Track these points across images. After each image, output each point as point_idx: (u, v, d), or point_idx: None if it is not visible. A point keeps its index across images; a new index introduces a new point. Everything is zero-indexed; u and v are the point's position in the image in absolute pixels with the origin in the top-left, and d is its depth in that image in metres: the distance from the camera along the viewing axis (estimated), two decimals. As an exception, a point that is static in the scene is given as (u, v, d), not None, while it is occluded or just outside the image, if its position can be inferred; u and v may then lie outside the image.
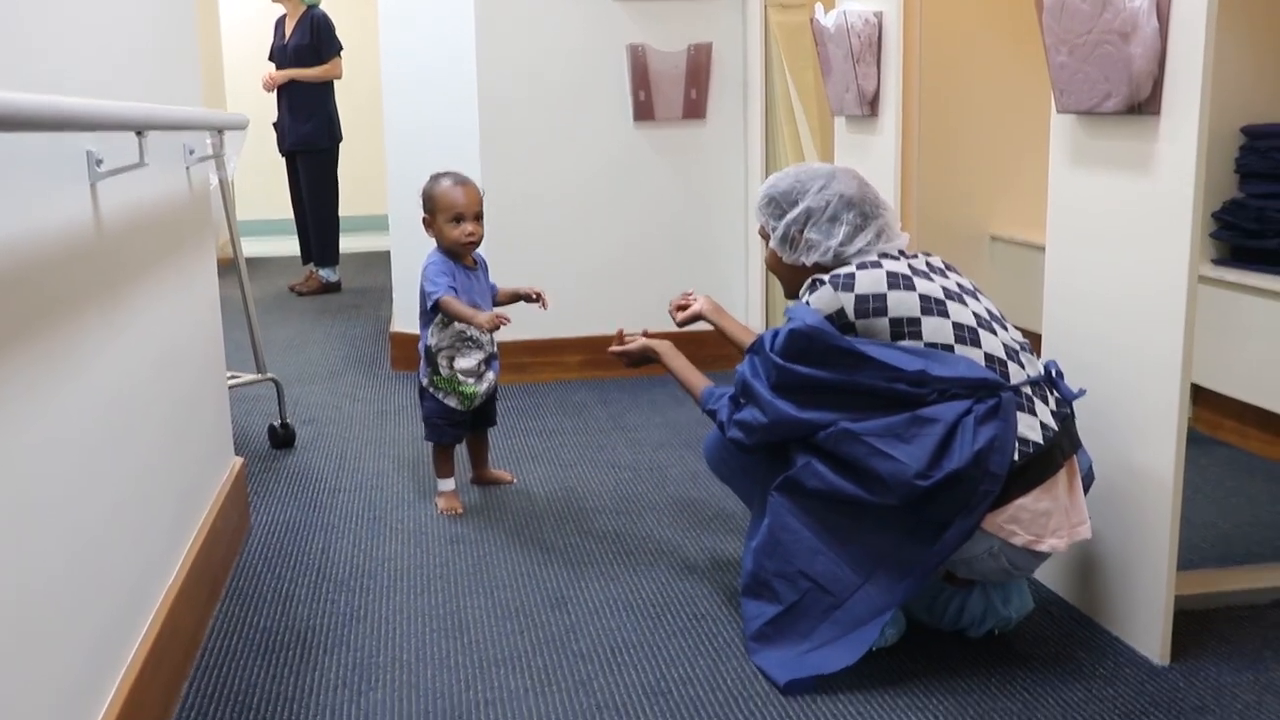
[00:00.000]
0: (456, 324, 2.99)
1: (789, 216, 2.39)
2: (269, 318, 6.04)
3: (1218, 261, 3.37)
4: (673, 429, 3.82)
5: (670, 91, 4.53)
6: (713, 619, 2.42)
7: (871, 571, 2.16)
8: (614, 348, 2.79)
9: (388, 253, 4.94)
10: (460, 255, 3.05)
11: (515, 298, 3.19)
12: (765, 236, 2.47)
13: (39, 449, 1.52)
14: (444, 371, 3.03)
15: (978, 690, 2.12)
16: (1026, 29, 2.55)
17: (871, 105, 3.33)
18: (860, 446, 2.09)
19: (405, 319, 4.80)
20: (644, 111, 4.51)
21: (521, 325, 4.48)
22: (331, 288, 6.88)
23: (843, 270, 2.27)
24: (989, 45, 4.20)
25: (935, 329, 2.18)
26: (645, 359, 2.74)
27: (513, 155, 4.45)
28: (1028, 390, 2.14)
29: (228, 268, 3.69)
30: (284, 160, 6.82)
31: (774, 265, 2.50)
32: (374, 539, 2.91)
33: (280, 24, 6.68)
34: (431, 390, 3.06)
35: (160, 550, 2.14)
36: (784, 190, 2.41)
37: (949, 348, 2.16)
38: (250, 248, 8.32)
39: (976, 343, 2.17)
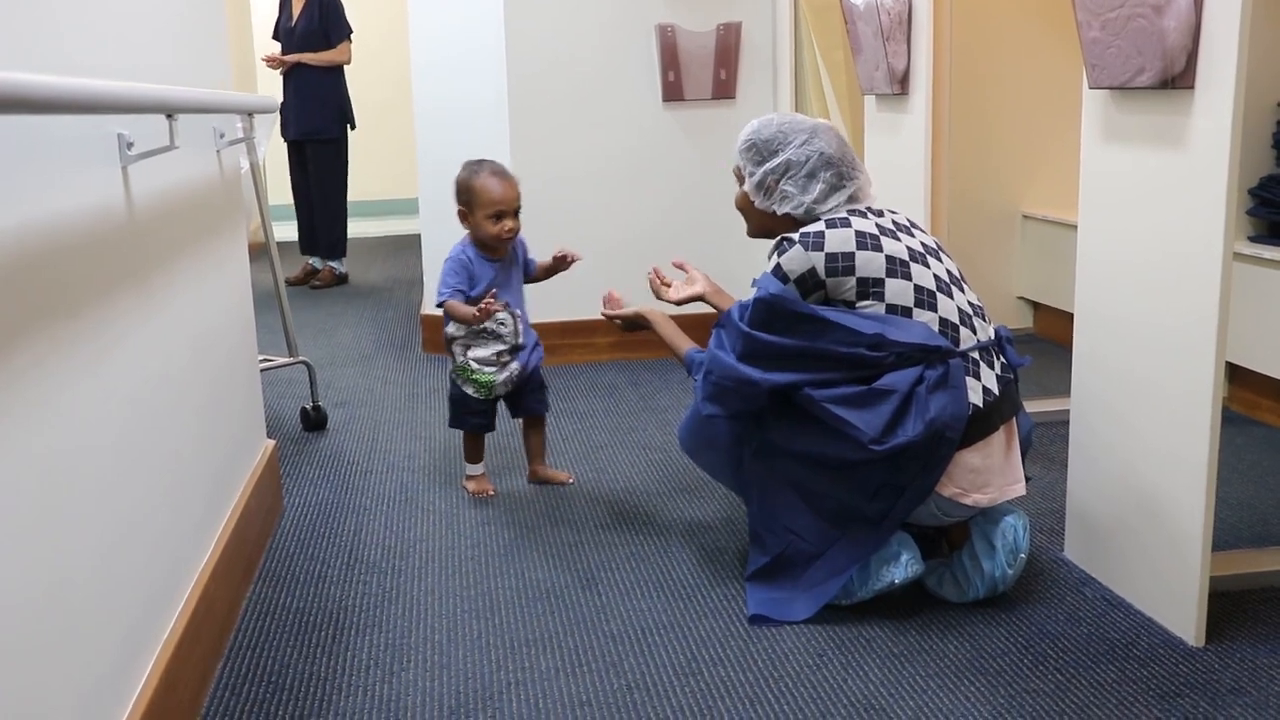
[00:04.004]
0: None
1: (767, 165, 2.45)
2: (300, 301, 6.07)
3: (1254, 238, 3.32)
4: (703, 410, 3.81)
5: (699, 71, 4.51)
6: (744, 599, 2.42)
7: (845, 526, 2.30)
8: (606, 310, 2.86)
9: (418, 236, 4.95)
10: (494, 249, 3.01)
11: (554, 269, 3.15)
12: (740, 179, 2.54)
13: (74, 432, 1.53)
14: (459, 359, 3.03)
15: (1010, 670, 2.11)
16: (1058, 4, 2.52)
17: (902, 83, 3.30)
18: (821, 411, 2.22)
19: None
20: (673, 92, 4.50)
21: (553, 307, 4.51)
22: (342, 279, 6.71)
23: (812, 229, 2.34)
24: (1020, 21, 4.16)
25: (897, 291, 2.28)
26: (638, 325, 2.81)
27: (542, 136, 4.45)
28: (975, 355, 2.28)
29: (259, 252, 3.71)
30: (287, 147, 6.60)
31: (743, 205, 2.56)
32: (405, 521, 2.92)
33: (287, 3, 6.43)
34: (453, 377, 3.08)
35: (194, 532, 2.16)
36: (766, 138, 2.47)
37: (908, 311, 2.27)
38: (277, 232, 8.38)
39: (933, 307, 2.29)
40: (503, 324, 3.00)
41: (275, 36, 6.50)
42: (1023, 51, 4.15)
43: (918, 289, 2.29)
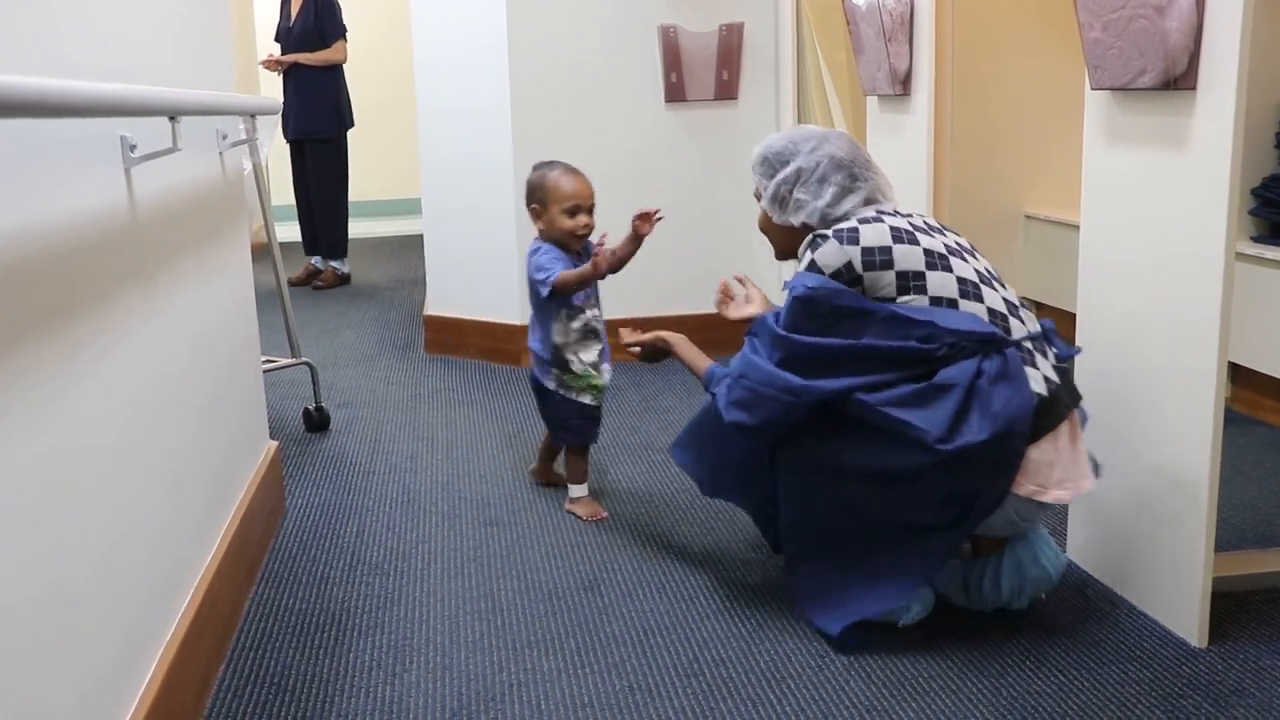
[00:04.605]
0: (579, 318, 2.89)
1: (780, 176, 2.40)
2: (303, 302, 6.07)
3: (1257, 238, 3.32)
4: (705, 411, 3.81)
5: (702, 72, 4.51)
6: (746, 601, 2.42)
7: (907, 543, 2.19)
8: (627, 340, 2.72)
9: (421, 236, 4.95)
10: (568, 245, 2.91)
11: (635, 242, 2.95)
12: (759, 198, 2.48)
13: (75, 433, 1.53)
14: (577, 368, 2.90)
15: (1012, 671, 2.10)
16: (1059, 5, 2.52)
17: (904, 84, 3.30)
18: (877, 416, 2.10)
19: (439, 302, 4.82)
20: (675, 92, 4.50)
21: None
22: (344, 280, 6.71)
23: (845, 224, 2.27)
24: (1022, 22, 4.15)
25: (940, 283, 2.19)
26: (659, 351, 2.67)
27: (545, 137, 4.44)
28: (1029, 345, 2.18)
29: (262, 252, 3.71)
30: (289, 147, 6.61)
31: (765, 226, 2.50)
32: (408, 522, 2.92)
33: (286, 4, 6.46)
34: (563, 392, 2.93)
35: (196, 532, 2.16)
36: (777, 150, 2.43)
37: (953, 302, 2.18)
38: (279, 232, 8.39)
39: (979, 297, 2.20)
40: (599, 321, 2.93)
41: (277, 38, 6.52)
42: (1025, 52, 4.14)
43: (960, 280, 2.20)
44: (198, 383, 2.25)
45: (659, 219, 2.92)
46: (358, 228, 7.84)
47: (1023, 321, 2.22)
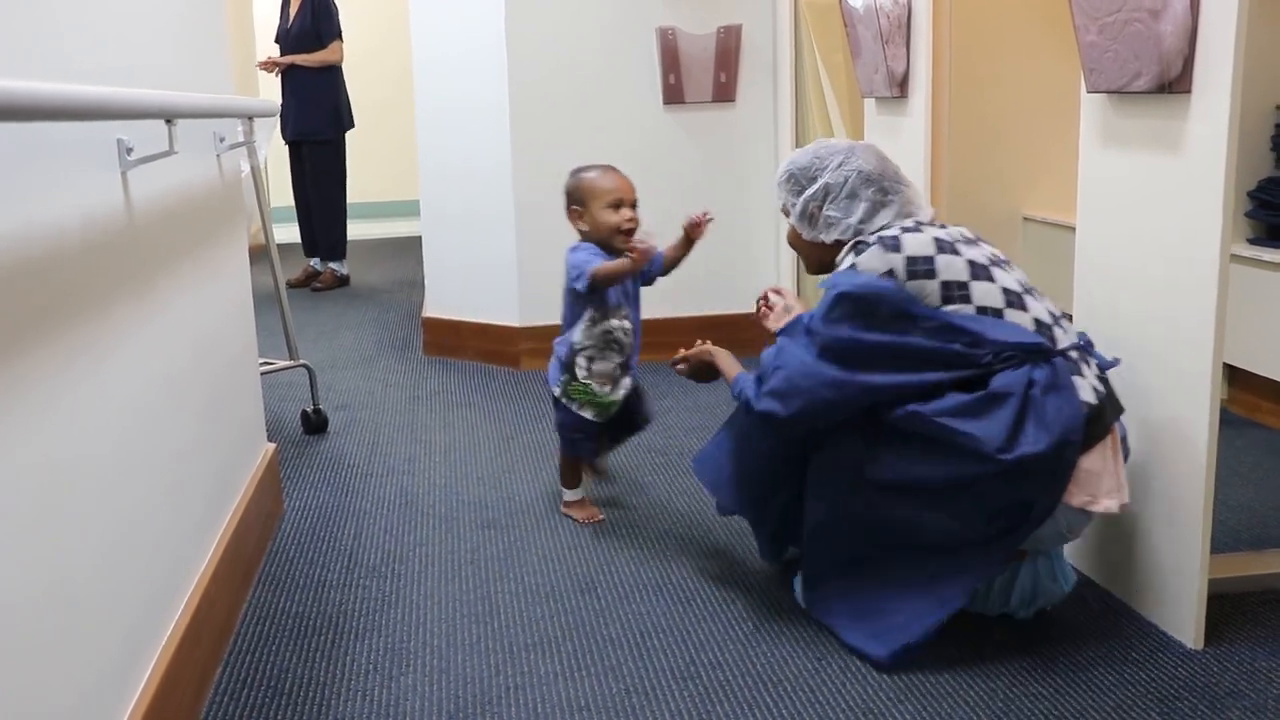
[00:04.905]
0: (604, 324, 2.80)
1: (807, 193, 2.36)
2: (302, 304, 6.08)
3: (1254, 240, 3.32)
4: (704, 412, 3.81)
5: (700, 74, 4.51)
6: (743, 603, 2.42)
7: (954, 553, 2.16)
8: (676, 360, 2.66)
9: (419, 238, 4.95)
10: (612, 245, 2.78)
11: (687, 245, 2.91)
12: (787, 214, 2.44)
13: (73, 436, 1.53)
14: (580, 375, 2.82)
15: (1008, 674, 2.11)
16: (1057, 7, 2.52)
17: (901, 86, 3.31)
18: (932, 427, 2.06)
19: (437, 304, 4.82)
20: (674, 94, 4.50)
21: (551, 310, 4.50)
22: (343, 281, 6.71)
23: (886, 232, 2.24)
24: (1019, 24, 4.16)
25: (985, 293, 2.16)
26: (707, 367, 2.59)
27: (544, 139, 4.45)
28: (1074, 354, 2.15)
29: (261, 254, 3.71)
30: (288, 148, 6.63)
31: (795, 241, 2.46)
32: (405, 524, 2.93)
33: (285, 6, 6.49)
34: (565, 401, 2.87)
35: (194, 536, 2.16)
36: (803, 166, 2.38)
37: (999, 312, 2.14)
38: (279, 234, 8.39)
39: (1024, 307, 2.17)
40: (625, 333, 2.83)
41: (276, 40, 6.54)
42: (1022, 54, 4.14)
43: (1005, 290, 2.17)
44: (196, 385, 2.25)
45: (709, 220, 2.88)
46: (356, 229, 7.84)
47: (1065, 331, 2.19)
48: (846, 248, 2.31)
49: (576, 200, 2.84)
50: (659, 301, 4.51)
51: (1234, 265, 3.21)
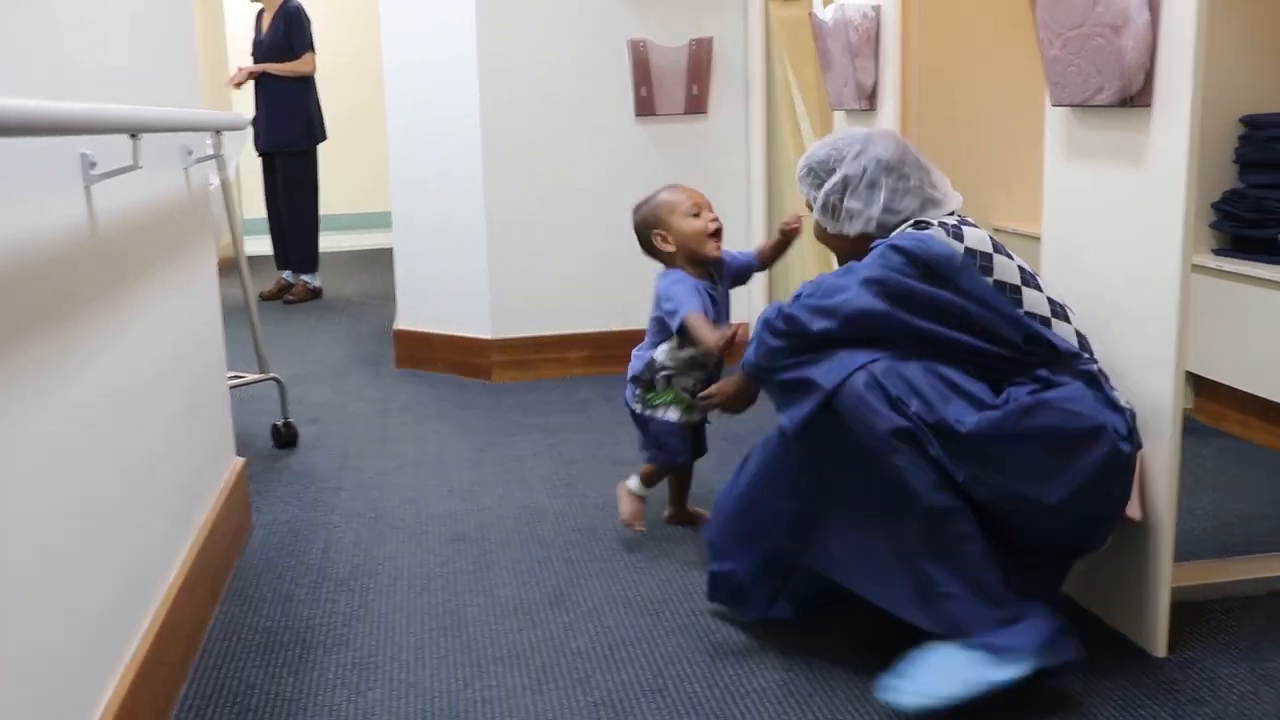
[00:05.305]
0: (690, 349, 2.68)
1: (827, 185, 2.30)
2: (274, 316, 6.06)
3: (1219, 251, 3.36)
4: (675, 425, 3.82)
5: (672, 87, 4.53)
6: (712, 616, 2.42)
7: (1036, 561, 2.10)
8: (705, 395, 2.52)
9: (389, 250, 4.95)
10: (703, 253, 2.71)
11: (780, 246, 2.84)
12: (810, 207, 2.38)
13: (36, 450, 1.53)
14: (660, 386, 2.72)
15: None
16: (1024, 21, 2.54)
17: (870, 99, 3.33)
18: (1054, 412, 1.96)
19: (409, 317, 4.82)
20: (646, 107, 4.51)
21: (523, 322, 4.52)
22: (315, 293, 6.69)
23: (947, 219, 2.19)
24: (987, 38, 4.19)
25: (1034, 300, 2.12)
26: (741, 394, 2.44)
27: (515, 150, 4.45)
28: (1103, 369, 2.14)
29: (231, 268, 3.70)
30: (260, 160, 6.61)
31: (821, 236, 2.39)
32: (375, 538, 2.92)
33: (259, 18, 6.50)
34: (648, 411, 2.75)
35: (160, 551, 2.15)
36: (821, 159, 2.32)
37: (1046, 321, 2.11)
38: (252, 246, 8.36)
39: (1066, 318, 2.14)
40: (710, 355, 2.69)
41: (252, 52, 6.55)
42: (990, 68, 4.17)
43: (1050, 301, 2.13)
44: (163, 400, 2.24)
45: (801, 221, 2.75)
46: (329, 241, 7.83)
47: (1091, 351, 2.17)
48: (906, 225, 2.22)
49: (654, 224, 2.74)
50: (627, 314, 4.53)
51: (1199, 276, 3.25)
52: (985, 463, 1.97)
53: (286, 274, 6.72)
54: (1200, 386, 3.57)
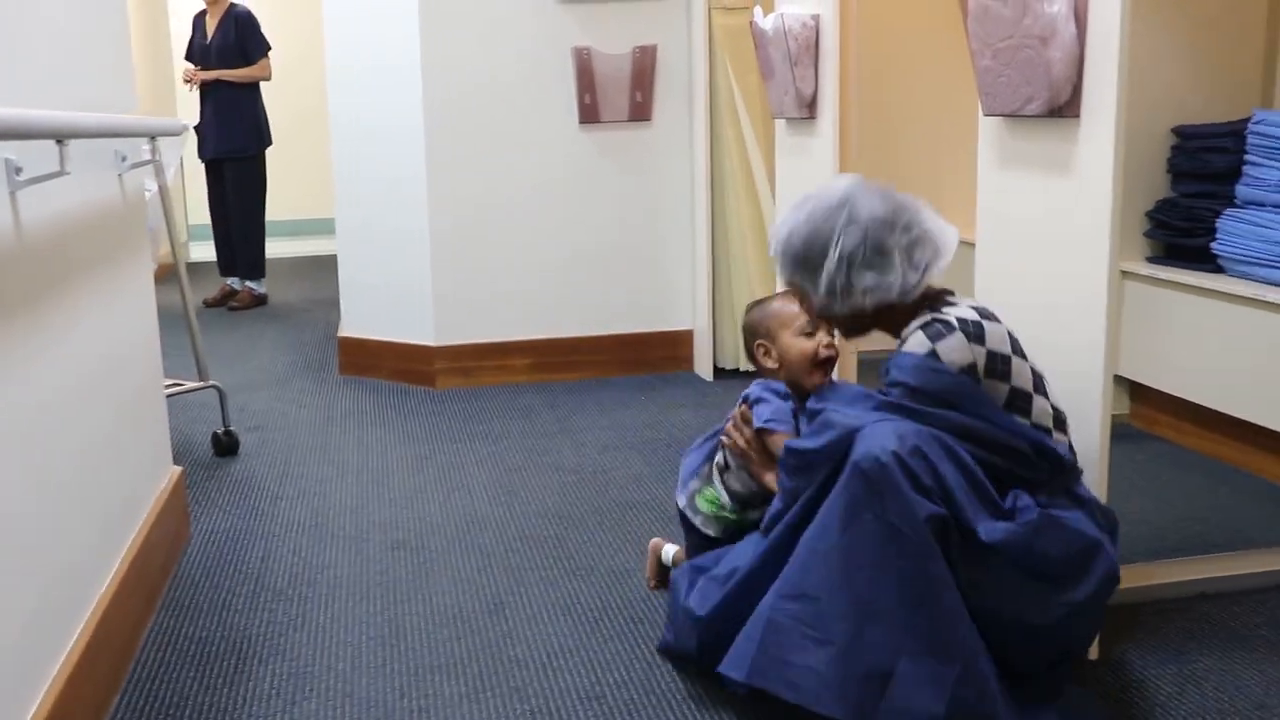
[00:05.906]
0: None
1: (827, 270, 2.01)
2: (218, 323, 6.01)
3: (1153, 259, 3.41)
4: (619, 430, 3.83)
5: (615, 94, 4.53)
6: (649, 623, 2.43)
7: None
8: (734, 441, 2.36)
9: (334, 257, 4.92)
10: (803, 384, 2.31)
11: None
12: (803, 299, 2.15)
13: (-47, 463, 1.51)
14: (708, 493, 2.47)
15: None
16: (960, 32, 2.57)
17: (810, 108, 3.35)
18: (1064, 532, 1.90)
19: (353, 324, 4.79)
20: (589, 114, 4.52)
21: (466, 329, 4.50)
22: (261, 300, 6.63)
23: (966, 316, 1.97)
24: (924, 48, 4.24)
25: (1040, 410, 2.00)
26: (764, 451, 2.31)
27: (458, 157, 4.44)
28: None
29: (172, 274, 3.65)
30: (204, 167, 6.52)
31: (833, 318, 2.13)
32: (314, 547, 2.90)
33: (200, 20, 6.36)
34: (689, 513, 2.50)
35: (91, 561, 2.13)
36: (806, 241, 2.03)
37: (1048, 431, 2.00)
38: (197, 252, 8.28)
39: (1063, 429, 2.04)
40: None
41: (189, 56, 6.43)
42: (927, 77, 4.22)
43: (1054, 410, 2.02)
44: (95, 408, 2.22)
45: None
46: (275, 247, 7.77)
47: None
48: (918, 323, 1.98)
49: (762, 333, 2.38)
50: (578, 320, 4.53)
51: (1133, 283, 3.30)
52: (993, 572, 1.87)
53: (232, 281, 6.65)
54: (1135, 392, 3.62)
